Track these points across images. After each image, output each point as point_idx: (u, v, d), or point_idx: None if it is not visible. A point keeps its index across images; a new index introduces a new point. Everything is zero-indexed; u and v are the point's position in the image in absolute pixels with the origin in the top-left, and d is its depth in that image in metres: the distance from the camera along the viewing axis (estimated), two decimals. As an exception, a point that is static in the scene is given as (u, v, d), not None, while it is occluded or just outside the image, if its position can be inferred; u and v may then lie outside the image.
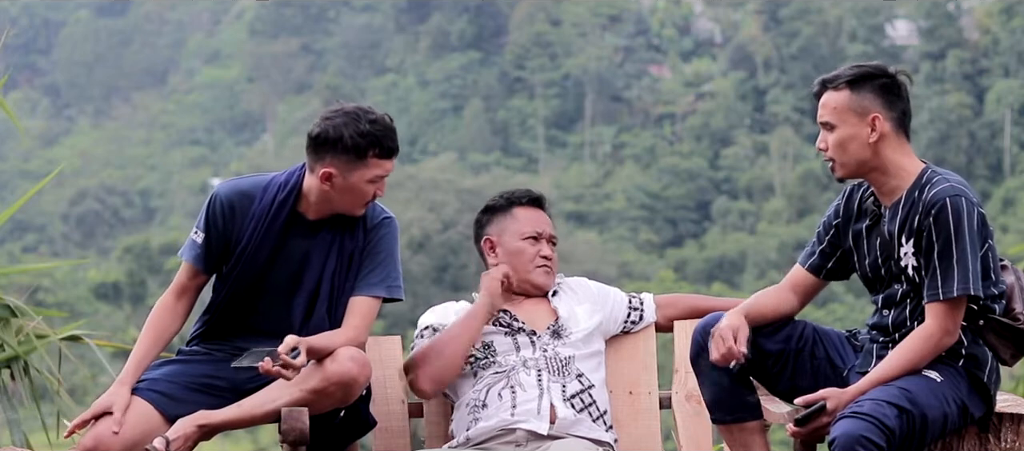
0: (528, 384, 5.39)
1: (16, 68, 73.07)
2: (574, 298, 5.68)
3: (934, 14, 71.36)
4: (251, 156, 71.20)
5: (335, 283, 5.26)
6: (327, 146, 5.17)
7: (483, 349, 5.48)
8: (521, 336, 5.51)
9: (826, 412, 4.88)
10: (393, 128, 5.22)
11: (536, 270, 5.62)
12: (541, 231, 5.66)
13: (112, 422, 5.08)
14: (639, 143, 71.11)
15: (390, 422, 5.53)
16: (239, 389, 5.19)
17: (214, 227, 5.28)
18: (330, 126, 5.17)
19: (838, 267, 5.22)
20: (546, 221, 5.70)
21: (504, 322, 5.54)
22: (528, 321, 5.55)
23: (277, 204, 5.24)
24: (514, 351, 5.48)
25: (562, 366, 5.46)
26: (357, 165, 5.16)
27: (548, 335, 5.52)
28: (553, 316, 5.58)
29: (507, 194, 5.76)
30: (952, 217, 4.88)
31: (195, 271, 5.32)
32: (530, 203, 5.72)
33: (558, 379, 5.43)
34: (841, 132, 4.98)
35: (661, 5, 78.38)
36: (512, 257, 5.63)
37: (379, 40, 78.68)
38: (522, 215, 5.69)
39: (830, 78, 5.02)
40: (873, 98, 4.96)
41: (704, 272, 58.75)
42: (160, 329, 5.28)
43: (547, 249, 5.66)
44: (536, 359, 5.45)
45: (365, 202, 5.23)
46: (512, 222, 5.68)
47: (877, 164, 4.98)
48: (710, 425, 5.47)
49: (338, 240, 5.27)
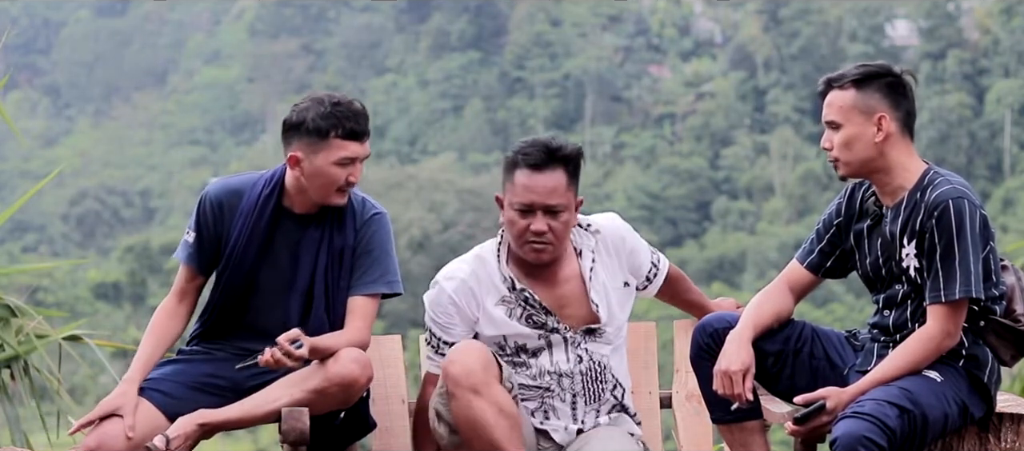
0: (562, 412, 5.24)
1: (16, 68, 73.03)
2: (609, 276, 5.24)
3: (934, 14, 71.34)
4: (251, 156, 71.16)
5: (329, 281, 5.25)
6: (293, 130, 5.18)
7: (515, 347, 5.21)
8: (556, 336, 5.19)
9: (825, 411, 4.88)
10: (360, 111, 5.17)
11: (525, 247, 5.12)
12: (533, 202, 5.06)
13: (124, 426, 5.07)
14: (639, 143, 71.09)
15: (390, 422, 5.53)
16: (240, 388, 5.20)
17: (205, 226, 5.29)
18: (296, 111, 5.20)
19: (837, 266, 5.22)
20: (548, 188, 5.06)
21: (536, 321, 5.21)
22: (556, 308, 5.18)
23: (262, 200, 5.25)
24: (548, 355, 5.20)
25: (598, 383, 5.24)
26: (320, 147, 5.14)
27: (581, 334, 5.22)
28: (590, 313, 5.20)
29: (520, 147, 5.15)
30: (954, 219, 4.87)
31: (191, 272, 5.33)
32: (530, 166, 5.09)
33: (594, 404, 5.26)
34: (847, 131, 4.97)
35: (661, 5, 78.34)
36: (507, 227, 5.16)
37: (379, 40, 78.66)
38: (520, 179, 5.10)
39: (836, 77, 5.01)
40: (879, 97, 4.96)
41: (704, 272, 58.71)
42: (163, 331, 5.28)
43: (539, 223, 5.07)
44: (571, 376, 5.20)
45: (337, 187, 5.18)
46: (510, 186, 5.13)
47: (882, 164, 4.98)
48: (710, 425, 5.46)
49: (327, 236, 5.25)
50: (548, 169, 5.08)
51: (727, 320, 5.17)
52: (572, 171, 5.13)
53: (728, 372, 4.99)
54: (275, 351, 5.01)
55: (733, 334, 5.07)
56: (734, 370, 4.99)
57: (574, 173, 5.14)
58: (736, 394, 4.99)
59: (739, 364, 4.99)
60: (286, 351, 5.01)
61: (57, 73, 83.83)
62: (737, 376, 4.98)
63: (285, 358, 5.01)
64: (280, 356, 5.01)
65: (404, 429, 5.54)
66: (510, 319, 5.21)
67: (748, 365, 5.00)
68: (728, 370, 4.99)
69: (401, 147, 71.78)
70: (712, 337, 5.15)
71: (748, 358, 5.01)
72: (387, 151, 69.82)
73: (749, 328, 5.08)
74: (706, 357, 5.15)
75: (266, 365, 5.04)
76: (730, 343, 5.05)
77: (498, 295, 5.21)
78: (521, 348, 5.23)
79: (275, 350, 5.01)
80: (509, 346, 5.23)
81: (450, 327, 5.23)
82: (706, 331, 5.17)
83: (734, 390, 4.98)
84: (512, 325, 5.21)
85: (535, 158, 5.09)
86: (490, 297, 5.21)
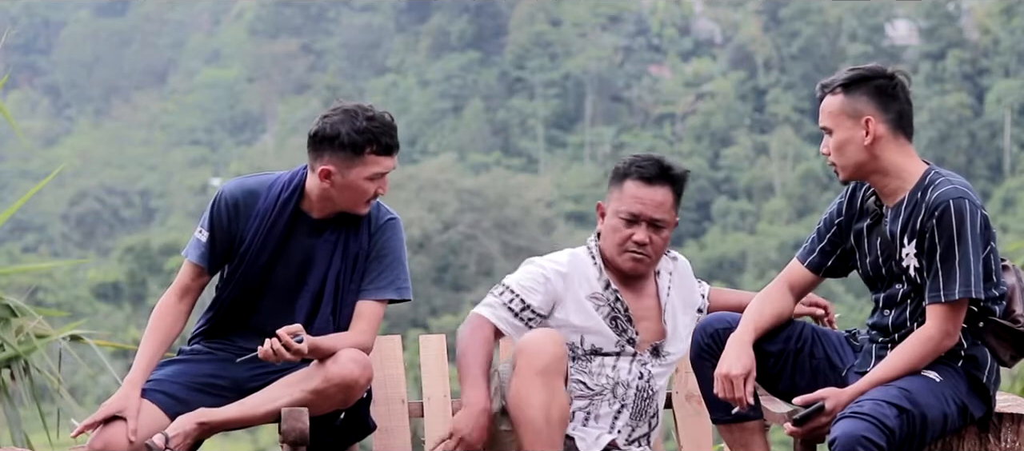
0: (604, 418, 5.32)
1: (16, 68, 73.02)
2: (681, 302, 5.48)
3: (934, 14, 71.33)
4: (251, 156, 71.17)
5: (340, 284, 5.25)
6: (325, 144, 5.17)
7: (590, 348, 5.34)
8: (628, 347, 5.34)
9: (825, 412, 4.89)
10: (392, 125, 5.21)
11: (623, 255, 5.34)
12: (640, 213, 5.31)
13: (127, 430, 5.07)
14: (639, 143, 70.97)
15: (391, 423, 5.53)
16: (242, 389, 5.19)
17: (218, 225, 5.28)
18: (328, 124, 5.17)
19: (838, 265, 5.22)
20: (656, 202, 5.31)
21: (619, 323, 5.36)
22: (637, 319, 5.35)
23: (281, 203, 5.24)
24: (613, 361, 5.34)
25: (645, 405, 5.37)
26: (354, 162, 5.15)
27: (649, 352, 5.39)
28: (660, 333, 5.39)
29: (633, 160, 5.38)
30: (955, 219, 4.88)
31: (199, 270, 5.31)
32: (642, 179, 5.33)
33: (632, 422, 5.36)
34: (838, 136, 4.99)
35: (661, 5, 78.35)
36: (608, 233, 5.37)
37: (379, 40, 78.66)
38: (629, 190, 5.34)
39: (827, 82, 5.04)
40: (866, 100, 4.96)
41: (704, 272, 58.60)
42: (164, 330, 5.27)
43: (642, 233, 5.31)
44: (627, 386, 5.33)
45: (366, 200, 5.22)
46: (618, 195, 5.36)
47: (876, 166, 4.98)
48: (710, 425, 5.47)
49: (343, 241, 5.26)
50: (658, 184, 5.33)
51: (727, 321, 5.18)
52: (678, 191, 5.39)
53: (729, 376, 4.99)
54: (274, 342, 5.01)
55: (734, 338, 5.07)
56: (735, 374, 4.99)
57: (679, 194, 5.40)
58: (737, 398, 4.99)
59: (740, 368, 5.00)
60: (285, 342, 5.00)
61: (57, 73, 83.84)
62: (738, 380, 4.99)
63: (284, 350, 5.00)
64: (279, 347, 5.00)
65: (404, 429, 5.54)
66: (597, 313, 5.35)
67: (749, 369, 5.01)
68: (729, 374, 5.00)
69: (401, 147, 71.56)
70: (712, 337, 5.16)
71: (749, 362, 5.02)
72: (387, 151, 69.64)
73: (750, 332, 5.08)
74: (706, 357, 5.16)
75: (265, 357, 5.03)
76: (731, 347, 5.05)
77: (590, 290, 5.38)
78: (596, 351, 5.34)
79: (274, 341, 5.01)
80: (585, 346, 5.34)
81: (532, 291, 5.35)
82: (706, 331, 5.18)
83: (735, 394, 4.99)
84: (596, 320, 5.34)
85: (649, 172, 5.33)
86: (582, 289, 5.37)
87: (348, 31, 79.29)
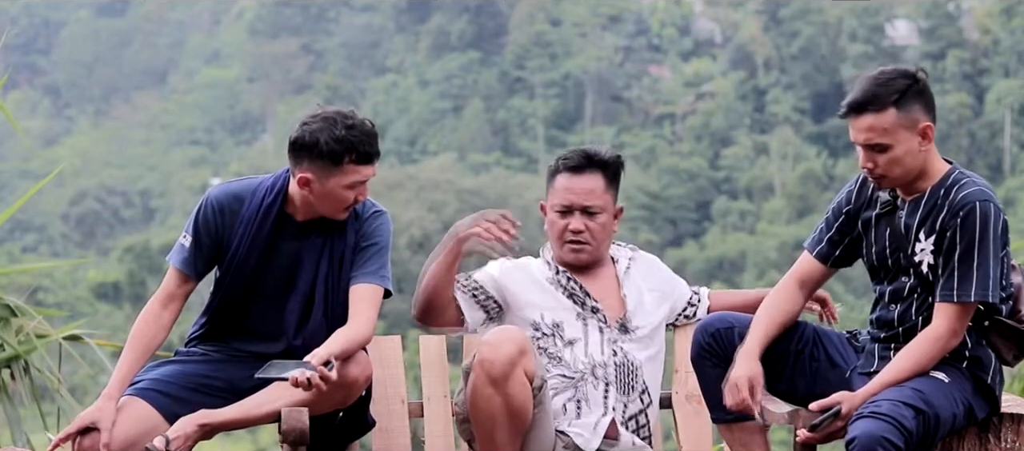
0: (594, 400, 5.32)
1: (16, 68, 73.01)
2: (643, 280, 5.50)
3: (934, 14, 71.34)
4: (251, 156, 71.16)
5: (329, 285, 5.24)
6: (304, 151, 5.14)
7: (551, 326, 5.37)
8: (592, 320, 5.38)
9: (840, 416, 4.88)
10: (373, 133, 5.15)
11: (564, 247, 5.42)
12: (571, 202, 5.37)
13: (102, 441, 5.02)
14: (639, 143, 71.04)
15: (390, 422, 5.53)
16: (238, 389, 5.19)
17: (205, 230, 5.26)
18: (307, 131, 5.14)
19: (845, 255, 5.20)
20: (586, 189, 5.37)
21: (577, 297, 5.40)
22: (600, 299, 5.41)
23: (264, 207, 5.22)
24: (583, 346, 5.35)
25: (630, 379, 5.37)
26: (333, 171, 5.12)
27: (616, 328, 5.40)
28: (622, 306, 5.41)
29: (561, 157, 5.45)
30: (979, 221, 4.88)
31: (183, 276, 5.28)
32: (569, 169, 5.40)
33: (623, 397, 5.35)
34: (898, 149, 4.92)
35: (661, 5, 78.35)
36: (549, 231, 5.47)
37: (379, 40, 78.65)
38: (559, 184, 5.42)
39: (866, 100, 4.90)
40: (919, 108, 4.93)
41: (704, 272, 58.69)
42: (146, 341, 5.21)
43: (577, 221, 5.37)
44: (605, 365, 5.34)
45: (345, 207, 5.19)
46: (552, 190, 5.45)
47: (924, 169, 4.98)
48: (710, 425, 5.47)
49: (329, 242, 5.24)
50: (586, 172, 5.39)
51: (727, 320, 5.17)
52: (610, 176, 5.42)
53: (736, 381, 4.99)
54: (313, 376, 4.93)
55: (743, 350, 5.05)
56: (742, 378, 4.98)
57: (612, 179, 5.42)
58: (746, 404, 4.98)
59: (747, 376, 4.99)
60: (323, 376, 4.96)
61: (57, 73, 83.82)
62: (744, 385, 4.98)
63: (321, 383, 4.96)
64: (317, 382, 4.95)
65: (404, 429, 5.54)
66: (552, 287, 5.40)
67: (756, 377, 4.99)
68: (737, 378, 4.99)
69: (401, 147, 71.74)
70: (713, 337, 5.15)
71: (757, 371, 5.01)
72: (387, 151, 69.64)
73: (758, 342, 5.07)
74: (707, 357, 5.15)
75: (296, 385, 4.97)
76: (740, 357, 5.04)
77: (543, 276, 5.44)
78: (557, 326, 5.35)
79: (313, 374, 4.93)
80: (546, 324, 5.36)
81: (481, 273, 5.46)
82: (707, 331, 5.18)
83: (742, 399, 4.98)
84: (552, 293, 5.39)
85: (574, 162, 5.39)
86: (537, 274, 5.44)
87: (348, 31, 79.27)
